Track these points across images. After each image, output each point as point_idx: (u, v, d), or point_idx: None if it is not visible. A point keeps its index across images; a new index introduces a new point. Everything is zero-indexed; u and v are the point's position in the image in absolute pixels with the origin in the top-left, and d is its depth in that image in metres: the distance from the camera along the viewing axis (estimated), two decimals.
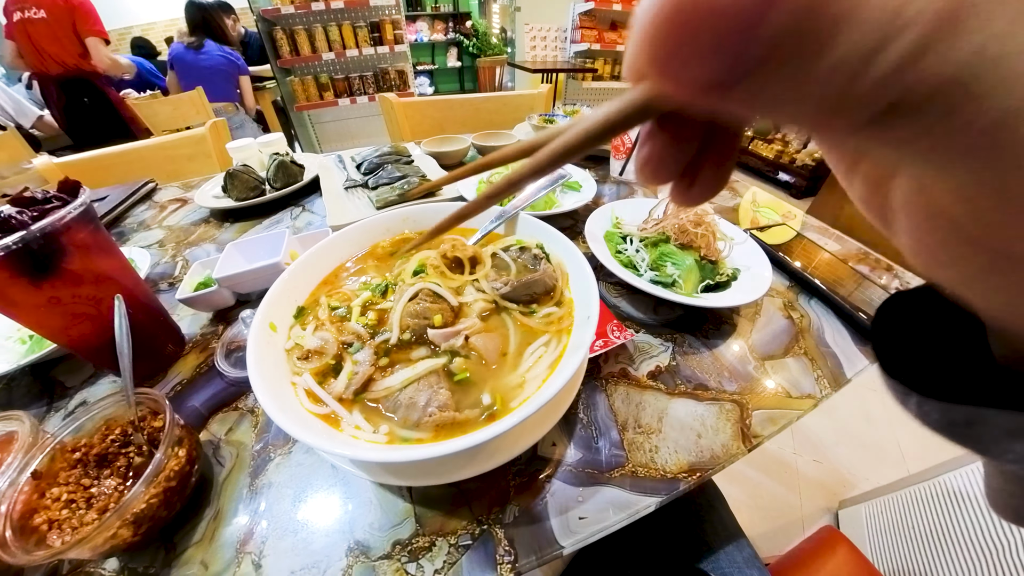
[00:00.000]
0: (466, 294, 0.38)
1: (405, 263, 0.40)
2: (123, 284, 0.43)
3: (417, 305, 0.35)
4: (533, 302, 0.37)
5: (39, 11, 1.95)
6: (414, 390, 0.30)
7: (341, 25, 2.72)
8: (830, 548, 0.73)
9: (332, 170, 0.91)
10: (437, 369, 0.32)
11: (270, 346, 0.35)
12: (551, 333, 0.35)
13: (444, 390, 0.30)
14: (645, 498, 0.33)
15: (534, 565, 0.30)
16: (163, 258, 0.73)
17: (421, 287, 0.36)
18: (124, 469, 0.35)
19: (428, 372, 0.32)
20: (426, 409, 0.29)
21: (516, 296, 0.37)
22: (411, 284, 0.36)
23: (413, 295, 0.35)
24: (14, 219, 0.35)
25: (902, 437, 1.40)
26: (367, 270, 0.44)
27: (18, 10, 1.93)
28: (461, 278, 0.39)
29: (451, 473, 0.32)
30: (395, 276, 0.39)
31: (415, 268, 0.39)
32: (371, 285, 0.40)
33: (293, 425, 0.27)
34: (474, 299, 0.37)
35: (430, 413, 0.29)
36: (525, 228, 0.46)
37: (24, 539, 0.29)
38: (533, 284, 0.37)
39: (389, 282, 0.40)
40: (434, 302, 0.35)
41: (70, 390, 0.48)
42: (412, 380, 0.31)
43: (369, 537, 0.32)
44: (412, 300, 0.35)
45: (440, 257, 0.40)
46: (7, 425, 0.36)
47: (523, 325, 0.36)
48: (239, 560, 0.32)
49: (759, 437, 0.38)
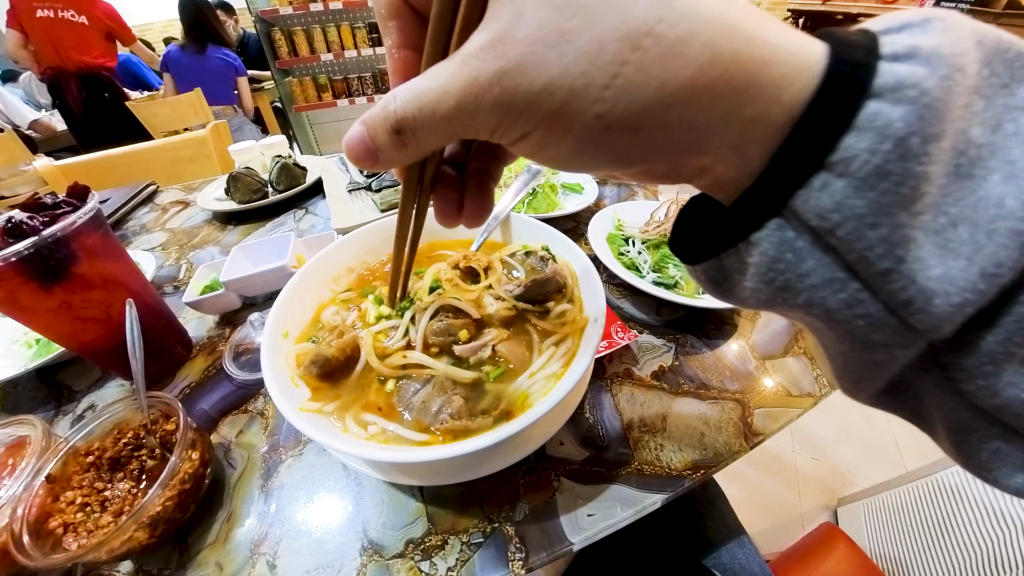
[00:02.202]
0: (485, 304, 0.37)
1: (420, 280, 0.39)
2: (132, 288, 0.44)
3: (440, 323, 0.35)
4: (547, 301, 0.38)
5: (79, 16, 2.03)
6: (427, 394, 0.31)
7: (340, 26, 2.72)
8: (830, 544, 0.74)
9: (335, 172, 0.91)
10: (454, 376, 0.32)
11: (282, 351, 0.35)
12: (569, 333, 0.35)
13: (458, 396, 0.31)
14: (651, 495, 0.34)
15: (545, 561, 0.31)
16: (167, 261, 0.73)
17: (441, 304, 0.36)
18: (137, 472, 0.35)
19: (446, 376, 0.32)
20: (438, 416, 0.29)
21: (531, 296, 0.37)
22: (430, 303, 0.36)
23: (434, 313, 0.35)
24: (25, 224, 0.36)
25: (900, 435, 1.42)
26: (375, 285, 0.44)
27: (44, 7, 1.97)
28: (477, 287, 0.39)
29: (462, 473, 0.33)
30: (412, 293, 0.38)
31: (431, 284, 0.38)
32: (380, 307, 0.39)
33: (311, 427, 0.27)
34: (495, 309, 0.37)
35: (442, 420, 0.29)
36: (528, 232, 0.47)
37: (40, 542, 0.29)
38: (545, 283, 0.37)
39: (403, 306, 0.38)
40: (456, 317, 0.35)
41: (78, 394, 0.48)
42: (434, 376, 0.32)
43: (382, 536, 0.33)
44: (434, 318, 0.35)
45: (452, 269, 0.40)
46: (19, 429, 0.37)
47: (542, 328, 0.36)
48: (254, 560, 0.32)
49: (760, 435, 0.39)
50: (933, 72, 0.11)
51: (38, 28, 2.01)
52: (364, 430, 0.30)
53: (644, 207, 0.65)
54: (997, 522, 0.78)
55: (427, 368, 0.33)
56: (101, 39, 2.18)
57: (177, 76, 2.30)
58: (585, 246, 0.63)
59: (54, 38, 2.04)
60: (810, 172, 0.12)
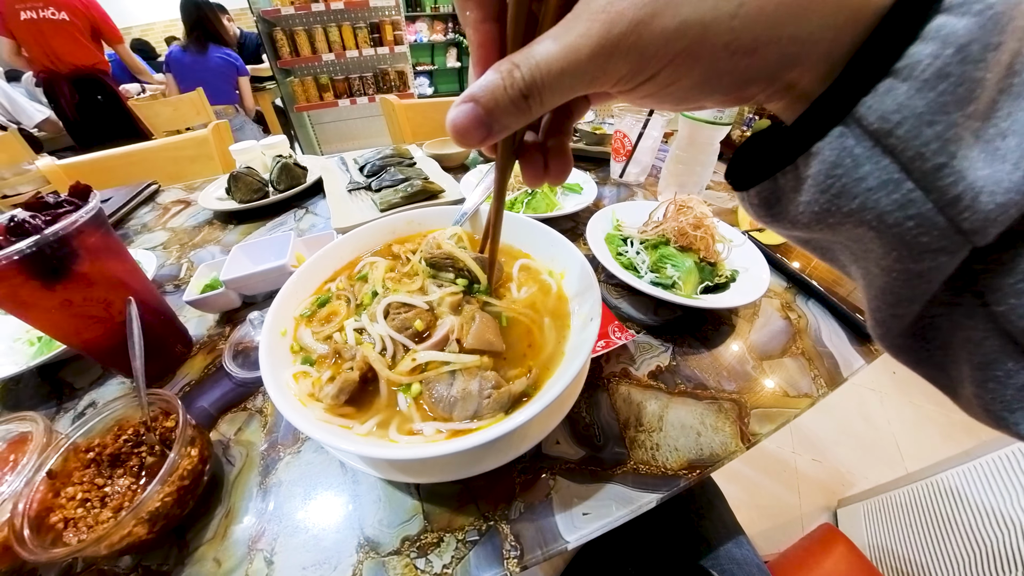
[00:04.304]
0: (430, 292, 0.37)
1: (362, 286, 0.40)
2: (133, 287, 0.44)
3: (394, 320, 0.35)
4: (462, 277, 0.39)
5: (59, 12, 1.98)
6: (462, 383, 0.31)
7: (341, 26, 2.73)
8: (828, 545, 0.74)
9: (335, 172, 0.91)
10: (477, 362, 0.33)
11: (280, 349, 0.36)
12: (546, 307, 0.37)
13: (489, 371, 0.31)
14: (647, 494, 0.34)
15: (540, 559, 0.31)
16: (168, 260, 0.73)
17: (389, 302, 0.36)
18: (136, 469, 0.35)
19: (468, 364, 0.32)
20: (482, 394, 0.30)
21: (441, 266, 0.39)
22: (377, 302, 0.36)
23: (385, 312, 0.35)
24: (28, 223, 0.36)
25: (900, 436, 1.41)
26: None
27: (26, 9, 1.95)
28: (417, 279, 0.39)
29: (458, 470, 0.33)
30: (360, 296, 0.39)
31: (372, 289, 0.39)
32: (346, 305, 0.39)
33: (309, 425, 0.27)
34: (439, 296, 0.37)
35: (487, 394, 0.30)
36: (524, 231, 0.47)
37: (41, 537, 0.30)
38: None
39: (360, 309, 0.38)
40: (408, 310, 0.35)
41: (79, 391, 0.49)
42: (460, 369, 0.32)
43: (379, 533, 0.33)
44: (386, 318, 0.35)
45: (388, 270, 0.40)
46: (21, 426, 0.37)
47: (505, 308, 0.37)
48: (251, 557, 0.32)
49: (757, 435, 0.39)
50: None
51: (25, 31, 1.99)
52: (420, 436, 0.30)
53: (643, 207, 0.65)
54: (997, 523, 0.78)
55: (441, 362, 0.33)
56: (88, 38, 2.11)
57: (179, 76, 2.31)
58: (583, 246, 0.63)
59: (42, 41, 2.01)
60: (876, 79, 0.13)
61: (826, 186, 0.15)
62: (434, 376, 0.32)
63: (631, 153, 0.84)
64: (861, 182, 0.14)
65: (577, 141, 1.01)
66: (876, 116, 0.13)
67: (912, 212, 0.13)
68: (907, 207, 0.13)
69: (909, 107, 0.12)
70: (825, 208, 0.15)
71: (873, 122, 0.13)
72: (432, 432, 0.30)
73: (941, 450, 0.97)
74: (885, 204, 0.14)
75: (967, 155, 0.12)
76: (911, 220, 0.13)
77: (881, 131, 0.13)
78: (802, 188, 0.16)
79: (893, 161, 0.13)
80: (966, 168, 0.12)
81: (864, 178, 0.14)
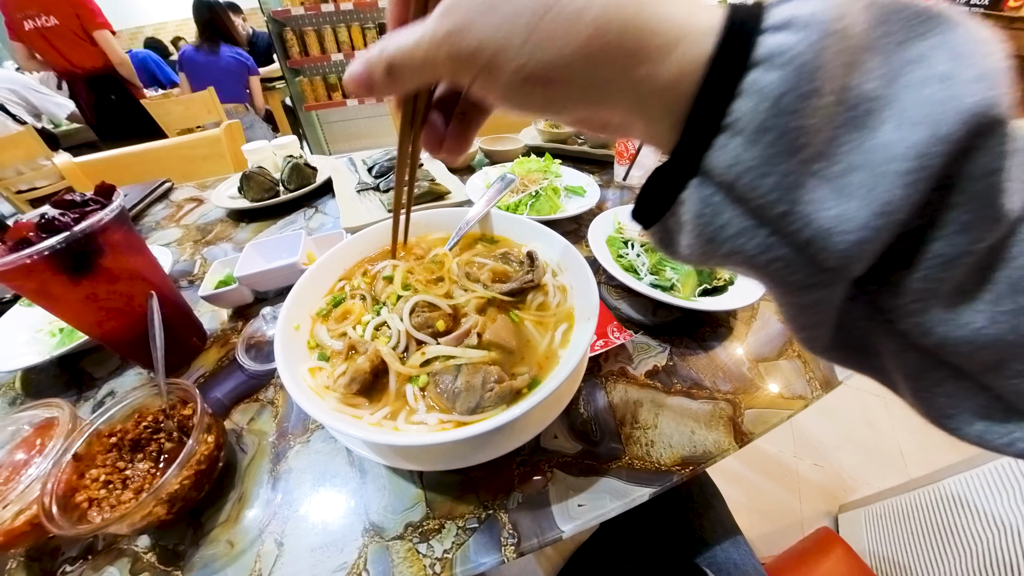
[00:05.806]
0: (456, 296, 0.40)
1: (389, 284, 0.42)
2: (152, 281, 0.46)
3: (418, 318, 0.37)
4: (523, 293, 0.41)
5: (49, 18, 1.99)
6: (467, 375, 0.33)
7: (350, 26, 2.76)
8: (825, 548, 0.75)
9: (344, 172, 0.93)
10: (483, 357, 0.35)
11: (294, 342, 0.37)
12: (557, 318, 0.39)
13: (492, 366, 0.33)
14: (640, 488, 0.36)
15: (536, 547, 0.32)
16: (182, 256, 0.76)
17: (417, 300, 0.38)
18: (156, 454, 0.37)
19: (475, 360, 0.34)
20: (485, 387, 0.32)
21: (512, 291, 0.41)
22: (406, 299, 0.38)
23: (411, 309, 0.37)
24: (58, 221, 0.38)
25: (904, 442, 1.40)
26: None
27: (27, 19, 1.97)
28: (444, 285, 0.41)
29: (460, 459, 0.34)
30: (384, 296, 0.40)
31: (402, 284, 0.41)
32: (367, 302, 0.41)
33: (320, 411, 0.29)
34: (465, 299, 0.39)
35: (490, 388, 0.31)
36: (526, 232, 0.48)
37: (68, 515, 0.32)
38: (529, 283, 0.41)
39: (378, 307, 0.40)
40: (432, 311, 0.38)
41: (98, 381, 0.51)
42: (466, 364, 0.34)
43: (383, 519, 0.35)
44: (412, 314, 0.37)
45: (407, 272, 0.42)
46: (48, 411, 0.39)
47: (525, 312, 0.39)
48: (262, 539, 0.34)
49: (751, 435, 0.40)
50: (804, 39, 0.12)
51: (31, 40, 2.01)
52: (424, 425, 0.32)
53: None
54: (999, 531, 0.78)
55: (448, 358, 0.34)
56: (89, 41, 2.10)
57: (192, 75, 2.35)
58: (585, 248, 0.64)
59: (51, 47, 2.04)
60: (713, 134, 0.14)
61: (698, 232, 0.15)
62: (441, 369, 0.34)
63: (635, 156, 0.85)
64: (724, 229, 0.14)
65: (581, 144, 1.02)
66: (720, 169, 0.14)
67: (773, 256, 0.14)
68: (768, 251, 0.14)
69: (744, 160, 0.13)
70: (704, 251, 0.15)
71: (720, 174, 0.14)
72: (435, 422, 0.31)
73: (945, 456, 0.96)
74: (750, 249, 0.14)
75: (812, 198, 0.13)
76: (777, 262, 0.14)
77: (726, 183, 0.14)
78: (683, 231, 0.16)
79: (745, 210, 0.14)
80: (812, 212, 0.13)
81: (725, 225, 0.14)
